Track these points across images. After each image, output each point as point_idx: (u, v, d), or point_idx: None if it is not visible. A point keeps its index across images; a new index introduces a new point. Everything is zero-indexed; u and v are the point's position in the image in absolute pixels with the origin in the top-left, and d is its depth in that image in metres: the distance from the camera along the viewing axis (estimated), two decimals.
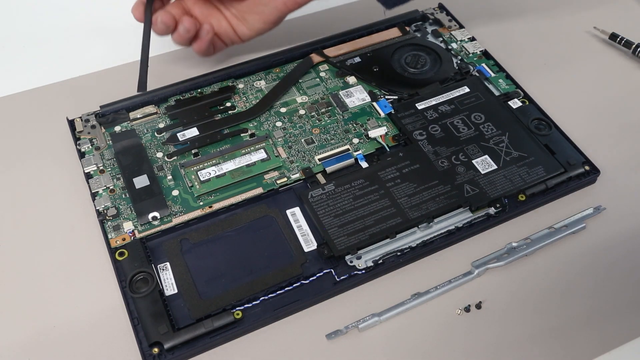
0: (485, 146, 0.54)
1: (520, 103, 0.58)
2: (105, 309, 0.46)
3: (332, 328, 0.45)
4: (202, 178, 0.53)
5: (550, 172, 0.52)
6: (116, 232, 0.49)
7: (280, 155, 0.55)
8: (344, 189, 0.51)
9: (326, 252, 0.47)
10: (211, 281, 0.46)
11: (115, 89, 0.59)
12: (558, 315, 0.46)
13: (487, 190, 0.51)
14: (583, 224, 0.50)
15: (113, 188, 0.52)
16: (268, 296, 0.46)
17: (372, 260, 0.48)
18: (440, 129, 0.55)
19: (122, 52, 0.66)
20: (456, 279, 0.47)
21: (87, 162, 0.54)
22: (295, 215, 0.50)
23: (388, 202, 0.50)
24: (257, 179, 0.53)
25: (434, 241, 0.49)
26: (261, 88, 0.60)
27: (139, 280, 0.46)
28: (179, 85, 0.60)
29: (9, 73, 0.66)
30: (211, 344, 0.44)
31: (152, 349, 0.43)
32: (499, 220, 0.50)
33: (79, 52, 0.67)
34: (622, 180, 0.54)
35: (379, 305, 0.46)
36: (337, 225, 0.49)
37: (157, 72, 0.61)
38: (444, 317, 0.46)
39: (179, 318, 0.45)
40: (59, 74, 0.64)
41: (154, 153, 0.55)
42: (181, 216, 0.50)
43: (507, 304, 0.47)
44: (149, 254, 0.48)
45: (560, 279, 0.48)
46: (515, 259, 0.49)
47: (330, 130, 0.57)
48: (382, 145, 0.55)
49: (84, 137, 0.56)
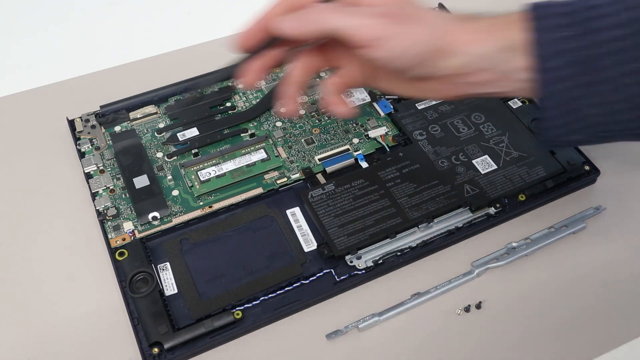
0: (485, 146, 0.54)
1: (520, 103, 0.58)
2: (105, 309, 0.46)
3: (332, 328, 0.45)
4: (202, 178, 0.53)
5: (550, 172, 0.52)
6: (116, 232, 0.49)
7: (280, 155, 0.55)
8: (344, 189, 0.51)
9: (326, 252, 0.47)
10: (211, 281, 0.46)
11: (115, 89, 0.59)
12: (558, 315, 0.46)
13: (487, 190, 0.51)
14: (583, 224, 0.50)
15: (113, 188, 0.52)
16: (268, 296, 0.46)
17: (372, 260, 0.48)
18: (440, 129, 0.55)
19: (122, 52, 0.66)
20: (456, 279, 0.47)
21: (87, 162, 0.54)
22: (295, 215, 0.50)
23: (388, 202, 0.50)
24: (257, 179, 0.53)
25: (434, 241, 0.49)
26: (261, 88, 0.60)
27: (139, 280, 0.46)
28: (179, 85, 0.60)
29: (9, 73, 0.66)
30: (211, 344, 0.44)
31: (152, 349, 0.43)
32: (499, 220, 0.50)
33: (79, 52, 0.67)
34: (622, 180, 0.54)
35: (379, 305, 0.46)
36: (337, 225, 0.49)
37: (157, 72, 0.62)
38: (444, 317, 0.46)
39: (179, 318, 0.45)
40: (59, 74, 0.64)
41: (154, 153, 0.55)
42: (181, 216, 0.50)
43: (507, 304, 0.47)
44: (149, 254, 0.48)
45: (560, 279, 0.48)
46: (515, 259, 0.49)
47: (330, 130, 0.57)
48: (382, 145, 0.55)
49: (84, 137, 0.56)
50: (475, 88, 0.41)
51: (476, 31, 0.39)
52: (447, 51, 0.39)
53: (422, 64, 0.39)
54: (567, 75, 0.37)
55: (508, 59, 0.38)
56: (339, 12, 0.39)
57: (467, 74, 0.40)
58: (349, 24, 0.38)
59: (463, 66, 0.39)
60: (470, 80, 0.40)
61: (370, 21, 0.38)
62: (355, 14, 0.38)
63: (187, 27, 0.70)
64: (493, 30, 0.39)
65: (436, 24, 0.39)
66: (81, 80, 0.63)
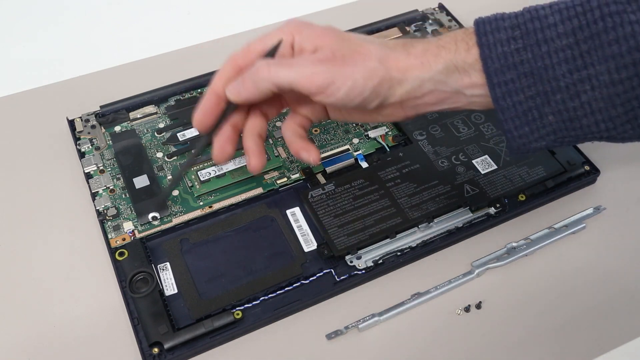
0: (485, 146, 0.54)
1: None
2: (105, 309, 0.46)
3: (332, 328, 0.45)
4: (202, 178, 0.53)
5: (550, 172, 0.52)
6: (116, 232, 0.49)
7: (280, 155, 0.55)
8: (344, 189, 0.51)
9: (326, 252, 0.47)
10: (211, 281, 0.46)
11: (115, 89, 0.60)
12: (558, 315, 0.46)
13: (487, 190, 0.51)
14: (583, 224, 0.50)
15: (113, 188, 0.52)
16: (268, 296, 0.46)
17: (372, 260, 0.48)
18: (440, 129, 0.55)
19: (122, 52, 0.66)
20: (456, 279, 0.47)
21: (87, 162, 0.54)
22: (295, 215, 0.50)
23: (388, 202, 0.50)
24: (257, 179, 0.53)
25: (434, 241, 0.49)
26: None
27: (139, 280, 0.46)
28: (179, 85, 0.60)
29: (9, 73, 0.66)
30: (211, 344, 0.44)
31: (152, 349, 0.43)
32: (499, 220, 0.50)
33: (79, 52, 0.67)
34: (622, 180, 0.54)
35: (379, 305, 0.46)
36: (337, 225, 0.49)
37: (157, 72, 0.62)
38: (444, 317, 0.46)
39: (179, 318, 0.45)
40: (59, 74, 0.64)
41: (154, 153, 0.55)
42: (181, 216, 0.50)
43: (507, 304, 0.47)
44: (149, 254, 0.48)
45: (560, 279, 0.48)
46: (515, 259, 0.49)
47: (330, 130, 0.57)
48: (382, 145, 0.55)
49: (84, 137, 0.56)
50: (432, 107, 0.41)
51: (422, 55, 0.39)
52: (395, 80, 0.39)
53: (371, 97, 0.39)
54: (521, 87, 0.37)
55: (457, 77, 0.39)
56: (286, 65, 0.39)
57: (418, 97, 0.40)
58: (300, 74, 0.38)
59: (412, 90, 0.39)
60: (424, 102, 0.41)
61: (316, 69, 0.38)
62: (302, 64, 0.39)
63: (187, 27, 0.70)
64: (439, 52, 0.39)
65: (378, 56, 0.39)
66: (81, 80, 0.63)
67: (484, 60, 0.37)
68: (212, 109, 0.42)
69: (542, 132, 0.38)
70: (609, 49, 0.35)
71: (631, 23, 0.34)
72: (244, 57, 0.41)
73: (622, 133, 0.37)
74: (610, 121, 0.36)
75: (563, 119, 0.37)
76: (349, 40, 0.40)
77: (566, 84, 0.36)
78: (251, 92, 0.40)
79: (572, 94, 0.36)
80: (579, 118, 0.37)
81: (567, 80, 0.36)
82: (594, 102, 0.36)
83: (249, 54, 0.41)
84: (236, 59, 0.42)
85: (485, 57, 0.37)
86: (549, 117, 0.37)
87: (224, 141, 0.42)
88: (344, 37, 0.40)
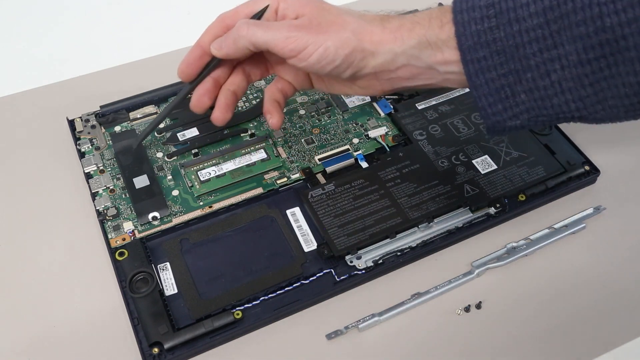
0: (485, 146, 0.54)
1: None
2: (105, 309, 0.46)
3: (332, 328, 0.45)
4: (202, 178, 0.53)
5: (550, 172, 0.52)
6: (116, 232, 0.49)
7: (280, 155, 0.55)
8: (344, 189, 0.51)
9: (326, 252, 0.47)
10: (211, 281, 0.46)
11: (115, 89, 0.60)
12: (558, 315, 0.46)
13: (487, 190, 0.51)
14: (583, 224, 0.50)
15: (113, 188, 0.52)
16: (268, 296, 0.46)
17: (372, 260, 0.48)
18: (440, 129, 0.55)
19: (122, 52, 0.66)
20: (456, 279, 0.47)
21: (87, 162, 0.54)
22: (295, 215, 0.50)
23: (388, 202, 0.50)
24: (257, 179, 0.53)
25: (434, 241, 0.49)
26: (261, 88, 0.60)
27: (139, 280, 0.46)
28: (179, 85, 0.60)
29: (9, 73, 0.66)
30: (211, 344, 0.44)
31: (152, 349, 0.43)
32: (499, 220, 0.50)
33: (79, 52, 0.67)
34: (622, 180, 0.54)
35: (379, 305, 0.46)
36: (337, 225, 0.49)
37: (157, 72, 0.61)
38: (444, 317, 0.46)
39: (179, 318, 0.45)
40: (59, 74, 0.64)
41: (154, 153, 0.55)
42: (181, 216, 0.50)
43: (507, 304, 0.47)
44: (149, 254, 0.48)
45: (560, 278, 0.48)
46: (515, 259, 0.49)
47: (330, 130, 0.57)
48: (382, 145, 0.55)
49: (84, 137, 0.56)
50: (407, 82, 0.43)
51: (396, 30, 0.41)
52: (367, 51, 0.41)
53: (343, 65, 0.41)
54: (493, 64, 0.38)
55: (430, 53, 0.40)
56: (264, 27, 0.41)
57: (392, 70, 0.42)
58: (275, 37, 0.41)
59: (385, 63, 0.41)
60: (398, 75, 0.42)
61: (291, 33, 0.41)
62: (279, 27, 0.41)
63: (187, 27, 0.70)
64: (413, 27, 0.40)
65: (353, 27, 0.41)
66: (81, 80, 0.63)
67: (458, 37, 0.38)
68: (196, 61, 0.45)
69: (515, 111, 0.39)
70: (577, 30, 0.35)
71: (599, 4, 0.34)
72: (232, 17, 0.44)
73: (593, 113, 0.38)
74: (580, 101, 0.37)
75: (534, 97, 0.38)
76: (329, 11, 0.42)
77: (536, 62, 0.37)
78: (230, 47, 0.43)
79: (542, 72, 0.37)
80: (549, 97, 0.38)
81: (537, 59, 0.37)
82: (563, 82, 0.37)
83: (237, 14, 0.44)
84: (224, 19, 0.45)
85: (460, 34, 0.38)
86: (521, 96, 0.38)
87: (203, 92, 0.45)
88: (324, 7, 0.42)
